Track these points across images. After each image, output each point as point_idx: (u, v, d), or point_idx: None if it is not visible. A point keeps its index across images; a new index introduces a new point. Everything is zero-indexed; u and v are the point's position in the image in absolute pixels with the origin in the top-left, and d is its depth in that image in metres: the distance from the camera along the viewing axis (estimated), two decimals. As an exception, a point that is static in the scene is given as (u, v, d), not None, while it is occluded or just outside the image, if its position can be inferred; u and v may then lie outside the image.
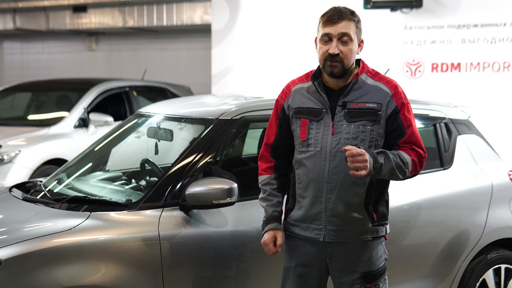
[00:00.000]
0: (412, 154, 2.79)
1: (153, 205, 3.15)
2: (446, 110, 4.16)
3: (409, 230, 3.69)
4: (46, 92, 8.58)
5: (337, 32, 2.73)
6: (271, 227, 2.89)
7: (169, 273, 3.05)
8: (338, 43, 2.74)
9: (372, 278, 2.84)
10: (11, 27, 12.87)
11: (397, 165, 2.73)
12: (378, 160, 2.67)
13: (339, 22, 2.74)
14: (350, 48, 2.75)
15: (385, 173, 2.72)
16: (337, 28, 2.73)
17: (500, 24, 7.48)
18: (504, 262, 3.98)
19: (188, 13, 11.16)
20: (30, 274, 2.78)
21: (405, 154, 2.77)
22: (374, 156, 2.67)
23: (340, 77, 2.79)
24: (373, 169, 2.65)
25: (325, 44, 2.77)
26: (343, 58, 2.74)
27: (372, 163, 2.64)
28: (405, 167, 2.75)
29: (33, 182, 3.95)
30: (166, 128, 3.93)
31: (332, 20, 2.75)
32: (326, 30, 2.75)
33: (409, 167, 2.77)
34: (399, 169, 2.74)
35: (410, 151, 2.80)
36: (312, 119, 2.82)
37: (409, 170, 2.78)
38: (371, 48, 7.47)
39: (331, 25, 2.75)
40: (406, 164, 2.75)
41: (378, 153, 2.71)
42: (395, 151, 2.77)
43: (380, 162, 2.67)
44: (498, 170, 4.19)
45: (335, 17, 2.75)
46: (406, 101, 2.84)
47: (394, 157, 2.73)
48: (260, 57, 8.70)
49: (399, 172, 2.74)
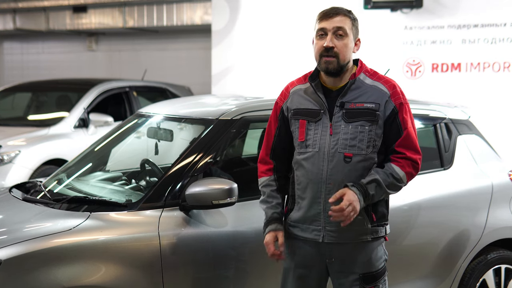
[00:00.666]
0: (406, 166, 2.79)
1: (153, 205, 3.14)
2: (446, 110, 4.16)
3: (409, 231, 3.69)
4: (46, 92, 8.58)
5: (332, 26, 2.74)
6: (272, 228, 2.89)
7: (169, 273, 3.05)
8: (333, 37, 2.74)
9: (371, 279, 2.84)
10: (11, 27, 12.87)
11: (391, 185, 2.77)
12: (368, 192, 2.70)
13: (334, 16, 2.76)
14: (345, 43, 2.75)
15: (378, 199, 2.78)
16: (332, 22, 2.74)
17: (501, 24, 7.48)
18: (504, 262, 3.98)
19: (188, 13, 11.16)
20: (30, 274, 2.78)
21: (399, 169, 2.77)
22: (364, 190, 2.69)
23: (335, 74, 2.79)
24: (364, 203, 2.70)
25: (321, 39, 2.77)
26: (338, 53, 2.74)
27: (362, 200, 2.68)
28: (399, 183, 2.79)
29: (33, 182, 3.95)
30: (166, 128, 3.93)
31: (327, 15, 2.77)
32: (322, 24, 2.77)
33: (404, 180, 2.80)
34: (393, 187, 2.78)
35: (404, 162, 2.79)
36: (310, 120, 2.82)
37: (404, 183, 2.82)
38: (371, 48, 7.50)
39: (326, 19, 2.76)
40: (400, 180, 2.78)
41: (369, 183, 2.71)
42: (389, 169, 2.77)
43: (371, 193, 2.71)
44: (498, 170, 4.19)
45: (331, 12, 2.77)
46: (404, 101, 2.83)
47: (387, 178, 2.75)
48: (260, 57, 8.70)
49: (393, 190, 2.80)
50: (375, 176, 2.73)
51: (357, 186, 2.69)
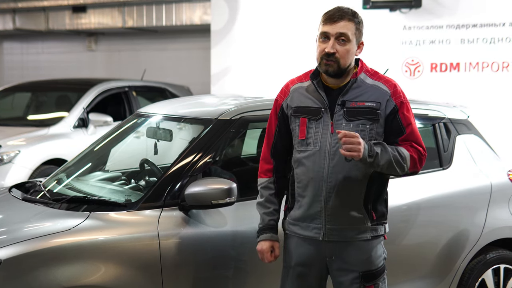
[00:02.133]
0: (411, 150, 2.78)
1: (153, 205, 3.15)
2: (445, 110, 4.17)
3: (408, 230, 3.69)
4: (46, 92, 8.58)
5: (335, 32, 2.73)
6: (267, 237, 2.91)
7: (169, 273, 3.05)
8: (335, 42, 2.74)
9: (371, 277, 2.84)
10: (11, 28, 12.87)
11: (395, 158, 2.72)
12: (373, 149, 2.66)
13: (338, 21, 2.74)
14: (347, 48, 2.75)
15: (382, 164, 2.69)
16: (335, 28, 2.74)
17: (499, 24, 7.48)
18: (503, 262, 3.98)
19: (187, 13, 11.16)
20: (30, 274, 2.78)
21: (404, 149, 2.77)
22: (369, 144, 2.66)
23: (335, 76, 2.79)
24: (368, 156, 2.63)
25: (323, 43, 2.77)
26: (339, 58, 2.74)
27: (367, 150, 2.63)
28: (403, 162, 2.74)
29: (33, 182, 3.95)
30: (166, 128, 3.93)
31: (332, 19, 2.75)
32: (325, 28, 2.76)
33: (408, 162, 2.76)
34: (397, 162, 2.72)
35: (410, 147, 2.79)
36: (311, 118, 2.82)
37: (407, 165, 2.76)
38: (370, 48, 7.46)
39: (330, 23, 2.75)
40: (404, 158, 2.74)
41: (375, 144, 2.70)
42: (394, 146, 2.77)
43: (376, 151, 2.66)
44: (497, 170, 4.19)
45: (335, 16, 2.75)
46: (405, 100, 2.84)
47: (392, 150, 2.72)
48: (259, 57, 8.71)
49: (397, 166, 2.73)
50: (381, 142, 2.72)
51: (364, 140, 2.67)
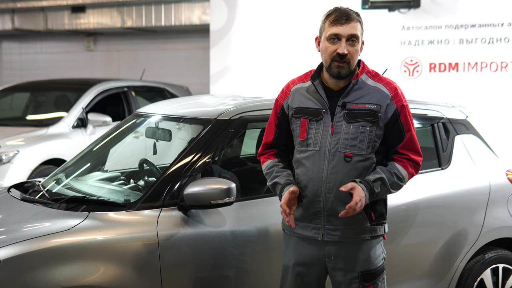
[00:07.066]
0: (409, 167, 2.85)
1: (152, 205, 3.15)
2: (444, 110, 4.17)
3: (407, 230, 3.69)
4: (45, 92, 8.57)
5: (347, 33, 2.75)
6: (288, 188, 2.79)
7: (168, 273, 3.05)
8: (347, 44, 2.75)
9: (370, 277, 2.85)
10: (10, 27, 12.86)
11: (394, 184, 2.82)
12: (374, 190, 2.74)
13: (348, 22, 2.75)
14: (356, 49, 2.78)
15: (381, 197, 2.84)
16: (346, 29, 2.75)
17: (498, 24, 7.49)
18: (502, 261, 3.99)
19: (186, 13, 11.16)
20: (29, 274, 2.78)
21: (402, 168, 2.84)
22: (370, 188, 2.73)
23: (345, 78, 2.81)
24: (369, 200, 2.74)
25: (333, 44, 2.77)
26: (350, 59, 2.77)
27: (368, 197, 2.72)
28: (401, 182, 2.85)
29: (32, 182, 3.94)
30: (165, 128, 3.93)
31: (340, 21, 2.76)
32: (335, 30, 2.76)
33: (406, 180, 2.86)
34: (395, 186, 2.84)
35: (407, 163, 2.85)
36: (311, 119, 2.83)
37: (405, 183, 2.87)
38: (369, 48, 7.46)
39: (340, 25, 2.75)
40: (403, 179, 2.84)
41: (375, 180, 2.75)
42: (393, 168, 2.82)
43: (377, 191, 2.75)
44: (496, 170, 4.20)
45: (343, 18, 2.76)
46: (405, 104, 2.87)
47: (391, 177, 2.80)
48: (258, 57, 8.71)
49: (395, 189, 2.85)
50: (381, 174, 2.78)
51: (364, 182, 2.72)
